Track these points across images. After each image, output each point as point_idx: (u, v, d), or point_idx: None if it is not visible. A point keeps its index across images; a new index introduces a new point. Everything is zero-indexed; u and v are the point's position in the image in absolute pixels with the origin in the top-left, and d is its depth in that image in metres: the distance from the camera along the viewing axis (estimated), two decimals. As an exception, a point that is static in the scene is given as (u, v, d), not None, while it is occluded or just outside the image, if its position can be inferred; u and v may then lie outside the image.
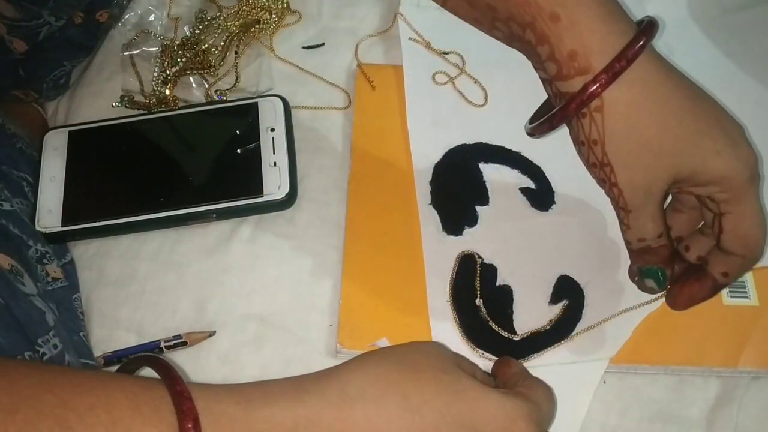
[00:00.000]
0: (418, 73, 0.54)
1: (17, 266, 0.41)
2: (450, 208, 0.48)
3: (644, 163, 0.36)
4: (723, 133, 0.36)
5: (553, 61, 0.35)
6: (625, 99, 0.35)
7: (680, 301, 0.41)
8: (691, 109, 0.36)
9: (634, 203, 0.37)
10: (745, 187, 0.36)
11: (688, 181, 0.37)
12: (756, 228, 0.37)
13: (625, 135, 0.35)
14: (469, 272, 0.46)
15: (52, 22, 0.49)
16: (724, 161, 0.36)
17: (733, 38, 0.55)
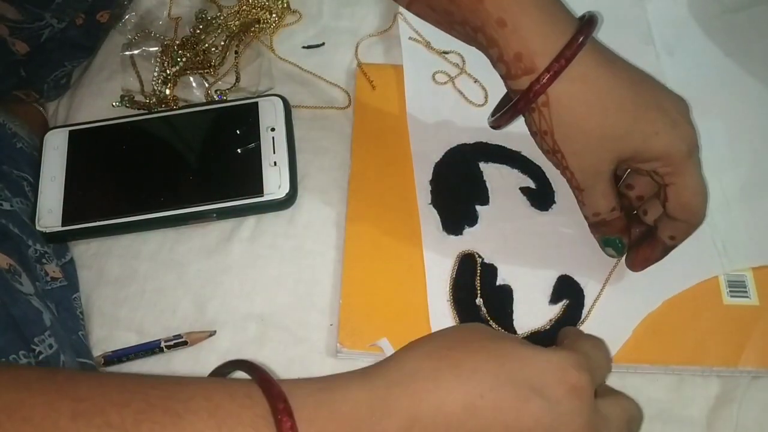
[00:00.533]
0: (418, 72, 0.54)
1: (15, 266, 0.41)
2: (450, 208, 0.48)
3: (590, 148, 0.40)
4: (661, 115, 0.40)
5: (502, 62, 0.40)
6: (567, 93, 0.39)
7: (637, 263, 0.45)
8: (630, 97, 0.39)
9: (585, 183, 0.42)
10: (685, 161, 0.40)
11: (633, 159, 0.41)
12: (696, 196, 0.41)
13: (570, 125, 0.39)
14: (470, 272, 0.46)
15: (54, 24, 0.49)
16: (662, 140, 0.40)
17: (734, 37, 0.55)
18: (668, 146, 0.40)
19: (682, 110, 0.41)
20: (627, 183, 0.45)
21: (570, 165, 0.41)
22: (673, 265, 0.45)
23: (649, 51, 0.55)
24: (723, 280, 0.45)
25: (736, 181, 0.49)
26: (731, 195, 0.49)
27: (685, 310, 0.45)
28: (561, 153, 0.41)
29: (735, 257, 0.46)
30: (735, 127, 0.51)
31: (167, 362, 0.44)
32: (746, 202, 0.48)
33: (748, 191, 0.49)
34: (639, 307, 0.45)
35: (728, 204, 0.48)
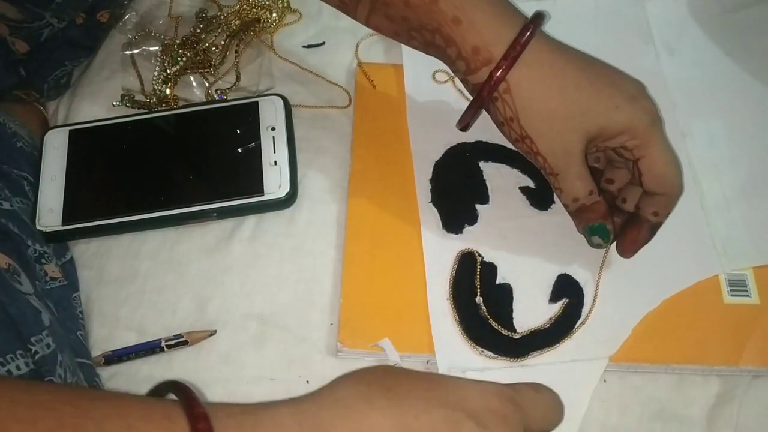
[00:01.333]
0: (418, 71, 0.54)
1: (14, 265, 0.41)
2: (450, 207, 0.48)
3: (556, 129, 0.41)
4: (618, 90, 0.42)
5: (461, 59, 0.41)
6: (526, 78, 0.41)
7: (627, 248, 0.45)
8: (586, 76, 0.41)
9: (558, 166, 0.42)
10: (650, 131, 0.41)
11: (600, 136, 0.42)
12: (668, 165, 0.42)
13: (534, 108, 0.41)
14: (469, 270, 0.46)
15: (54, 23, 0.49)
16: (624, 113, 0.41)
17: (733, 37, 0.55)
18: (630, 118, 0.41)
19: (639, 88, 0.43)
20: (607, 177, 0.46)
21: (540, 149, 0.42)
22: (672, 264, 0.46)
23: (649, 50, 0.55)
24: (723, 279, 0.45)
25: (736, 181, 0.49)
26: (731, 195, 0.49)
27: (685, 309, 0.45)
28: (529, 138, 0.42)
29: (734, 257, 0.46)
30: (735, 127, 0.51)
31: (168, 362, 0.44)
32: (746, 202, 0.48)
33: (747, 191, 0.49)
34: (638, 306, 0.45)
35: (728, 203, 0.48)
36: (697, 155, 0.50)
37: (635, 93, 0.42)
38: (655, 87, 0.52)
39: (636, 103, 0.42)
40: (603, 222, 0.44)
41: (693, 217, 0.48)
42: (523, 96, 0.41)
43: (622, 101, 0.41)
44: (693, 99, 0.53)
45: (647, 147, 0.42)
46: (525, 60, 0.40)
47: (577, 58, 0.42)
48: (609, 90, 0.41)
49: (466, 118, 0.44)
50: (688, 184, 0.48)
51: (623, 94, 0.42)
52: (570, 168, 0.42)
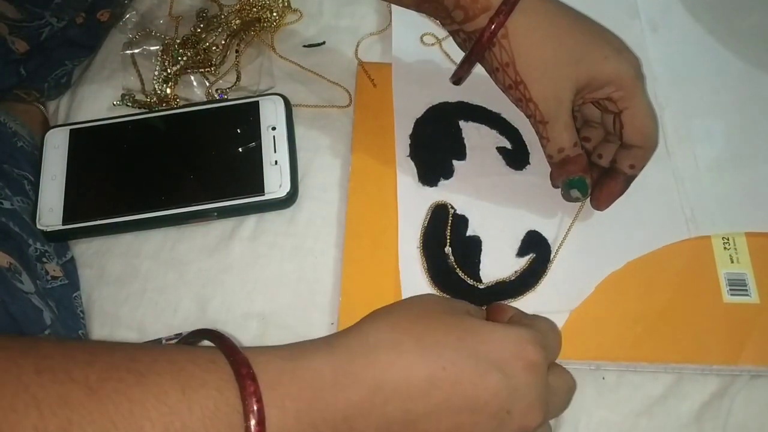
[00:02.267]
0: (406, 33, 0.55)
1: (16, 264, 0.41)
2: (427, 160, 0.50)
3: (550, 75, 0.42)
4: (607, 42, 0.44)
5: (459, 8, 0.42)
6: (524, 24, 0.42)
7: (602, 200, 0.47)
8: (578, 26, 0.43)
9: (549, 113, 0.43)
10: (634, 83, 0.43)
11: (589, 86, 0.43)
12: (648, 118, 0.44)
13: (530, 54, 0.42)
14: (441, 221, 0.47)
15: (53, 22, 0.49)
16: (612, 64, 0.43)
17: (717, 16, 0.56)
18: (618, 69, 0.43)
19: (622, 42, 0.45)
20: (583, 136, 0.48)
21: (533, 95, 0.43)
22: (640, 227, 0.47)
23: (635, 24, 0.56)
24: (723, 278, 0.46)
25: (710, 153, 0.50)
26: (703, 165, 0.50)
27: (684, 309, 0.45)
28: (524, 84, 0.43)
29: (702, 223, 0.47)
30: (713, 102, 0.52)
31: (168, 361, 0.44)
32: (717, 173, 0.50)
33: (720, 163, 0.50)
34: (603, 265, 0.46)
35: (700, 173, 0.50)
36: (674, 126, 0.51)
37: (621, 46, 0.44)
38: None
39: (623, 55, 0.43)
40: (583, 175, 0.45)
41: (664, 185, 0.49)
42: (520, 42, 0.42)
43: (611, 52, 0.43)
44: (673, 74, 0.54)
45: (631, 99, 0.43)
46: (522, 7, 0.41)
47: (569, 8, 0.44)
48: (599, 41, 0.43)
49: (461, 70, 0.45)
50: (662, 153, 0.50)
51: (611, 46, 0.43)
52: (559, 116, 0.43)
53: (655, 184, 0.49)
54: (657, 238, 0.47)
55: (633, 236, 0.47)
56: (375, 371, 0.32)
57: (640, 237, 0.47)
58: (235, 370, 0.30)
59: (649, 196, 0.49)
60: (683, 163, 0.50)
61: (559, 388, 0.37)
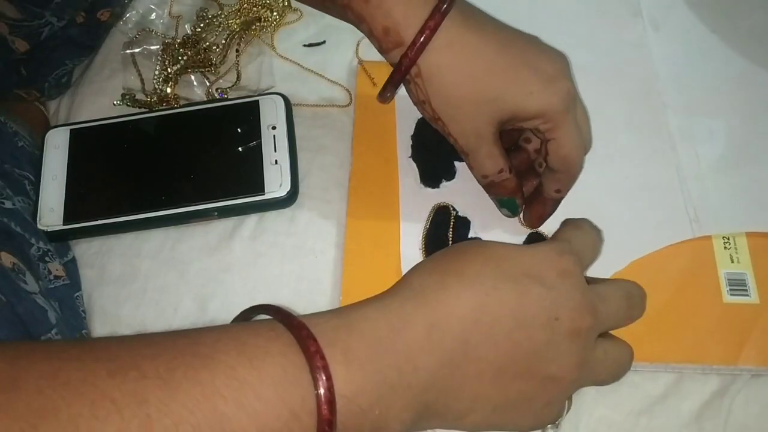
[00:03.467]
0: None
1: (19, 264, 0.41)
2: (429, 162, 0.50)
3: (466, 113, 0.41)
4: (534, 73, 0.40)
5: (373, 37, 0.40)
6: (436, 63, 0.39)
7: (533, 221, 0.47)
8: (499, 59, 0.40)
9: (469, 147, 0.43)
10: (562, 117, 0.41)
11: (513, 120, 0.42)
12: (573, 150, 0.42)
13: (444, 93, 0.40)
14: (443, 223, 0.47)
15: (54, 22, 0.49)
16: (537, 100, 0.40)
17: (720, 14, 0.56)
18: (544, 105, 0.40)
19: (558, 66, 0.41)
20: (525, 137, 0.47)
21: (451, 131, 0.42)
22: (644, 227, 0.47)
23: (637, 23, 0.56)
24: (723, 278, 0.46)
25: (713, 152, 0.50)
26: (706, 165, 0.50)
27: (685, 309, 0.45)
28: (441, 120, 0.42)
29: (706, 223, 0.47)
30: (716, 101, 0.52)
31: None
32: (721, 172, 0.49)
33: (723, 163, 0.50)
34: (606, 265, 0.45)
35: (703, 173, 0.49)
36: (677, 125, 0.51)
37: (553, 73, 0.41)
38: (640, 59, 0.54)
39: (552, 87, 0.40)
40: (511, 197, 0.45)
41: (668, 184, 0.49)
42: (434, 81, 0.40)
43: (537, 86, 0.40)
44: (676, 73, 0.54)
45: (557, 131, 0.42)
46: (436, 44, 0.39)
47: (495, 37, 0.41)
48: (524, 74, 0.40)
49: (384, 94, 0.43)
50: (666, 152, 0.50)
51: (539, 77, 0.40)
52: (480, 149, 0.43)
53: (659, 184, 0.49)
54: (661, 237, 0.47)
55: (637, 236, 0.47)
56: (426, 310, 0.33)
57: (645, 237, 0.47)
58: (294, 335, 0.31)
59: (653, 195, 0.48)
60: (686, 162, 0.50)
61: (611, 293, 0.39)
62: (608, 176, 0.49)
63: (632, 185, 0.49)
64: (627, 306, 0.39)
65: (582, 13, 0.55)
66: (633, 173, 0.49)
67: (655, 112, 0.52)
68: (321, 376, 0.30)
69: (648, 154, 0.50)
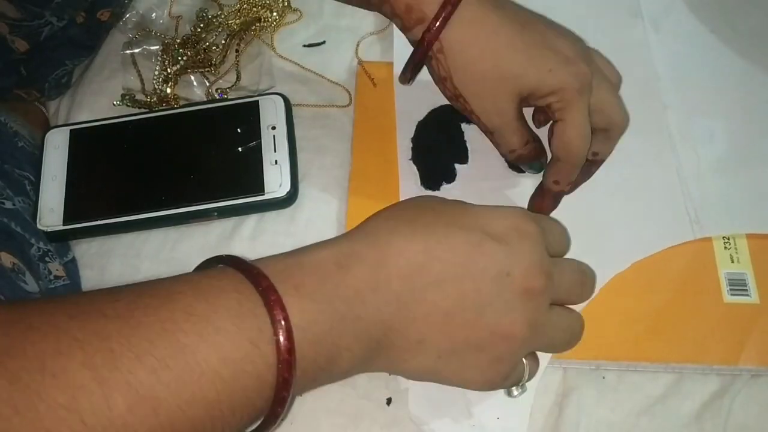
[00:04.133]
0: None
1: (19, 264, 0.41)
2: (429, 164, 0.50)
3: (489, 90, 0.41)
4: (553, 53, 0.41)
5: (396, 17, 0.42)
6: (458, 39, 0.40)
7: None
8: (519, 37, 0.41)
9: (493, 125, 0.43)
10: (576, 97, 0.41)
11: (531, 96, 0.42)
12: (578, 137, 0.42)
13: (466, 69, 0.41)
14: None
15: (54, 22, 0.49)
16: (556, 76, 0.41)
17: (720, 15, 0.56)
18: (561, 81, 0.41)
19: (577, 49, 0.42)
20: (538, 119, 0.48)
21: (474, 109, 0.42)
22: (645, 228, 0.47)
23: (637, 23, 0.56)
24: (723, 278, 0.46)
25: (713, 153, 0.50)
26: (706, 166, 0.50)
27: (685, 309, 0.45)
28: (463, 97, 0.42)
29: (707, 224, 0.47)
30: (716, 102, 0.52)
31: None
32: (721, 173, 0.49)
33: (723, 163, 0.50)
34: (607, 267, 0.45)
35: (703, 174, 0.49)
36: (677, 127, 0.51)
37: (571, 55, 0.41)
38: (640, 59, 0.54)
39: (570, 67, 0.41)
40: (536, 161, 0.46)
41: (669, 186, 0.49)
42: (456, 57, 0.40)
43: (556, 64, 0.41)
44: (677, 73, 0.54)
45: (568, 111, 0.41)
46: (458, 19, 0.40)
47: (515, 16, 0.41)
48: (544, 52, 0.41)
49: (406, 73, 0.44)
50: (666, 153, 0.50)
51: (558, 56, 0.41)
52: (504, 125, 0.43)
53: (659, 185, 0.49)
54: (662, 239, 0.47)
55: (638, 237, 0.47)
56: (374, 251, 0.34)
57: (645, 238, 0.47)
58: (246, 274, 0.32)
59: (654, 196, 0.48)
60: (686, 163, 0.50)
61: (569, 267, 0.40)
62: (608, 177, 0.49)
63: (632, 186, 0.49)
64: (580, 281, 0.41)
65: (582, 14, 0.55)
66: (633, 174, 0.49)
67: (655, 112, 0.52)
68: (276, 309, 0.31)
69: (648, 155, 0.50)
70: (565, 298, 0.40)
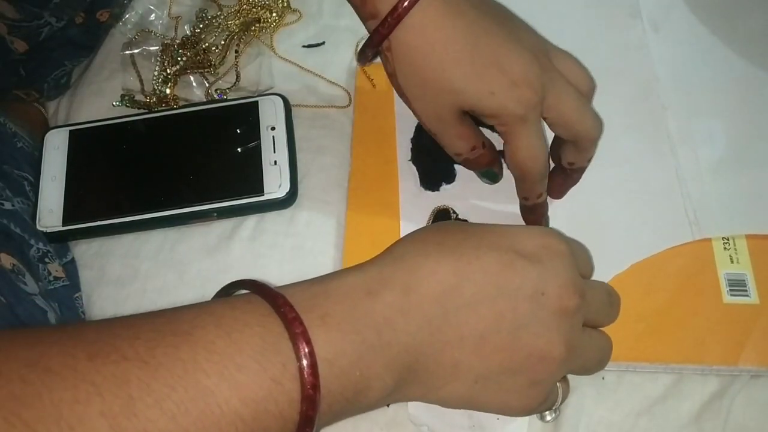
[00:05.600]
0: None
1: (19, 265, 0.41)
2: (429, 165, 0.50)
3: (429, 97, 0.41)
4: (500, 74, 0.39)
5: (354, 7, 0.41)
6: (406, 42, 0.39)
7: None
8: (469, 52, 0.39)
9: (433, 128, 0.43)
10: (518, 123, 0.40)
11: (474, 113, 0.41)
12: (526, 159, 0.41)
13: (409, 73, 0.40)
14: None
15: (53, 22, 0.49)
16: (497, 100, 0.39)
17: (720, 16, 0.56)
18: (502, 107, 0.39)
19: (528, 72, 0.39)
20: None
21: (415, 109, 0.42)
22: (643, 229, 0.47)
23: (636, 24, 0.56)
24: (723, 278, 0.46)
25: (713, 155, 0.50)
26: (706, 167, 0.50)
27: (684, 309, 0.45)
28: (405, 96, 0.42)
29: (705, 226, 0.47)
30: (715, 103, 0.52)
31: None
32: (720, 175, 0.49)
33: (723, 165, 0.50)
34: (606, 268, 0.45)
35: (703, 176, 0.49)
36: (676, 128, 0.51)
37: (519, 78, 0.39)
38: (640, 60, 0.54)
39: (513, 91, 0.39)
40: (489, 168, 0.46)
41: (668, 187, 0.49)
42: (401, 59, 0.40)
43: (499, 87, 0.39)
44: (676, 74, 0.54)
45: (513, 137, 0.41)
46: (409, 23, 0.38)
47: (471, 27, 0.39)
48: (490, 72, 0.39)
49: (360, 59, 0.43)
50: (665, 155, 0.50)
51: (503, 79, 0.39)
52: (446, 130, 0.42)
53: (659, 186, 0.49)
54: (661, 240, 0.47)
55: (637, 239, 0.47)
56: (403, 274, 0.33)
57: (645, 239, 0.47)
58: (271, 304, 0.31)
59: (653, 198, 0.48)
60: (686, 164, 0.50)
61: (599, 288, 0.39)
62: (607, 179, 0.49)
63: (631, 187, 0.49)
64: (609, 302, 0.40)
65: (581, 15, 0.55)
66: (632, 175, 0.49)
67: (655, 113, 0.52)
68: (301, 342, 0.30)
69: (647, 157, 0.50)
70: (595, 318, 0.39)
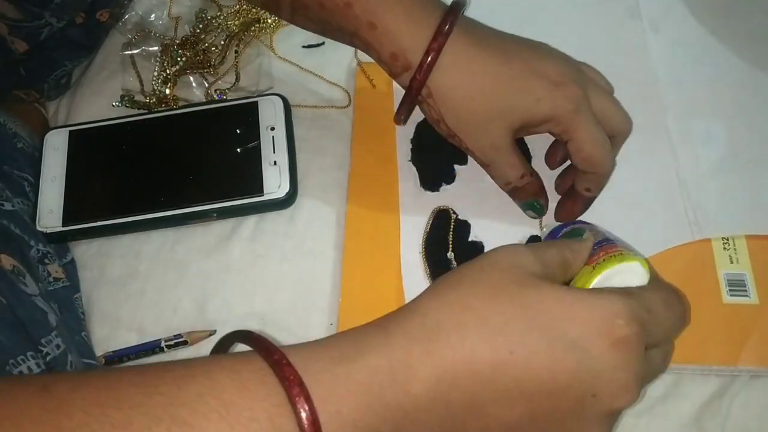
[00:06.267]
0: None
1: (19, 266, 0.41)
2: (429, 165, 0.50)
3: (480, 127, 0.42)
4: (539, 80, 0.41)
5: (383, 63, 0.42)
6: (445, 83, 0.41)
7: (563, 216, 0.47)
8: (505, 71, 0.41)
9: (488, 159, 0.44)
10: (573, 117, 0.41)
11: (525, 127, 0.42)
12: (595, 148, 0.42)
13: (456, 111, 0.41)
14: (443, 227, 0.48)
15: (53, 22, 0.49)
16: (546, 105, 0.41)
17: (719, 16, 0.56)
18: (552, 108, 0.41)
19: (564, 71, 0.42)
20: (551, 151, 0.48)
21: (469, 146, 0.43)
22: (644, 230, 0.47)
23: (636, 25, 0.56)
24: (723, 278, 0.46)
25: (713, 155, 0.50)
26: (706, 168, 0.50)
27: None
28: (457, 137, 0.43)
29: (705, 226, 0.47)
30: (715, 103, 0.52)
31: (168, 362, 0.44)
32: (721, 175, 0.49)
33: (722, 165, 0.50)
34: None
35: (702, 176, 0.49)
36: (676, 128, 0.51)
37: (558, 78, 0.41)
38: (640, 61, 0.54)
39: (558, 91, 0.41)
40: (535, 199, 0.46)
41: (668, 187, 0.49)
42: (445, 101, 0.41)
43: (543, 92, 0.41)
44: (676, 75, 0.53)
45: (573, 132, 0.41)
46: (442, 64, 0.40)
47: (498, 49, 0.41)
48: (529, 82, 0.41)
49: (400, 114, 0.44)
50: (666, 155, 0.50)
51: (545, 83, 0.41)
52: (499, 160, 0.44)
53: (659, 187, 0.49)
54: (661, 240, 0.47)
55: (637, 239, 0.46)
56: (435, 359, 0.30)
57: (645, 239, 0.46)
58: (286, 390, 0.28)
59: (653, 198, 0.48)
60: (686, 164, 0.50)
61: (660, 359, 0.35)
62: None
63: (632, 188, 0.49)
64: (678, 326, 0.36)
65: (581, 16, 0.55)
66: (632, 176, 0.49)
67: (655, 114, 0.51)
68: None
69: (647, 157, 0.50)
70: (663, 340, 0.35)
